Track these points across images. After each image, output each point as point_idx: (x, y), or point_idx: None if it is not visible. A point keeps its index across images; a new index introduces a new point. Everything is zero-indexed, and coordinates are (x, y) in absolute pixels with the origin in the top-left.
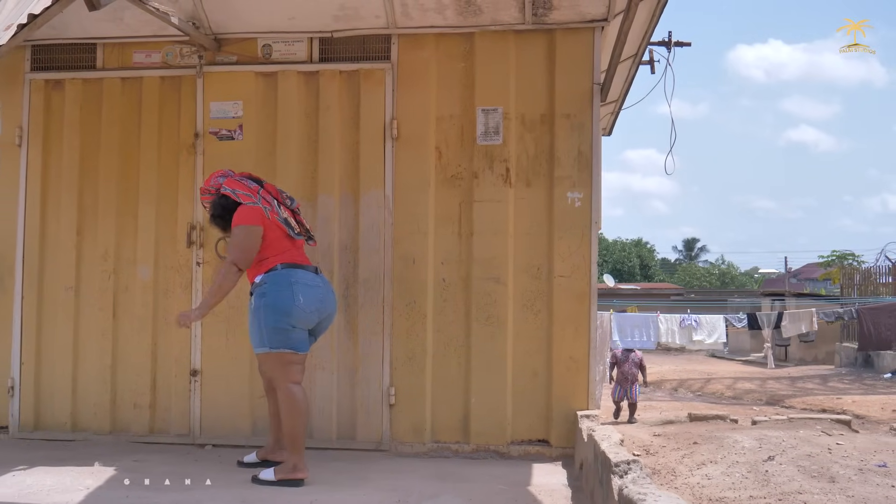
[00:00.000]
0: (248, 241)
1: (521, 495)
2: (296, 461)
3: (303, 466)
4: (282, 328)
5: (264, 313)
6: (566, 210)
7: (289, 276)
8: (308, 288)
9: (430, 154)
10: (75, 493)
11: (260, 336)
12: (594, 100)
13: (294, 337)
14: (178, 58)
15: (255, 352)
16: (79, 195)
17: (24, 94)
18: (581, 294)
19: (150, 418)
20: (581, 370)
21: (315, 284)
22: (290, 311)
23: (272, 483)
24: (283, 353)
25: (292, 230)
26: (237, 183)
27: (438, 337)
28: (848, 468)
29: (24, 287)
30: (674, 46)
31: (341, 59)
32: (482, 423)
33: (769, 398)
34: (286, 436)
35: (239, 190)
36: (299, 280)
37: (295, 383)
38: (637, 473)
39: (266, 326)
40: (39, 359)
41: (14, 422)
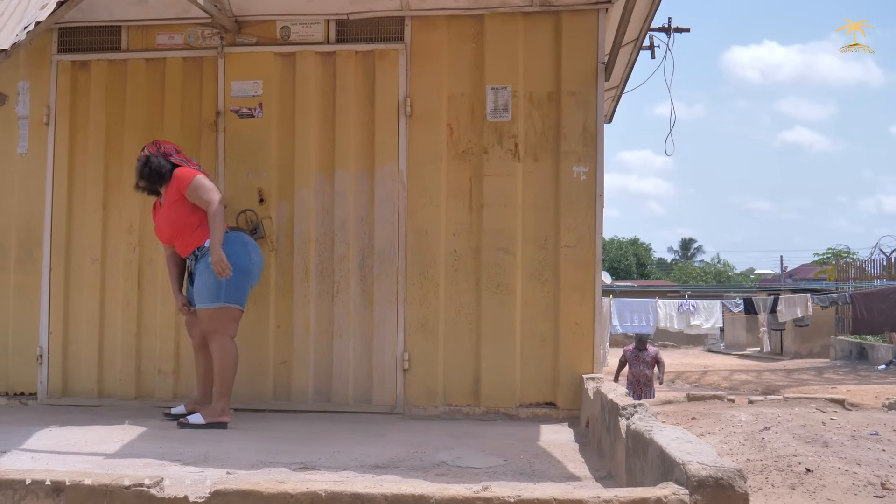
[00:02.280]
0: (212, 183)
1: (532, 448)
2: (223, 406)
3: (228, 411)
4: (241, 286)
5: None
6: (572, 183)
7: (240, 237)
8: (255, 247)
9: (442, 130)
10: (111, 445)
11: (216, 292)
12: (598, 78)
13: (246, 294)
14: (200, 39)
15: (200, 307)
16: (104, 171)
17: (51, 75)
18: (586, 263)
19: (173, 384)
20: (586, 335)
21: (256, 244)
22: (250, 270)
23: (201, 426)
24: (233, 308)
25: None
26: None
27: (450, 305)
28: (841, 436)
29: (52, 259)
30: (673, 32)
31: (357, 40)
32: (492, 386)
33: (765, 388)
34: (218, 383)
35: (183, 160)
36: (249, 241)
37: (232, 337)
38: (643, 413)
39: (227, 283)
40: (67, 328)
41: (42, 388)
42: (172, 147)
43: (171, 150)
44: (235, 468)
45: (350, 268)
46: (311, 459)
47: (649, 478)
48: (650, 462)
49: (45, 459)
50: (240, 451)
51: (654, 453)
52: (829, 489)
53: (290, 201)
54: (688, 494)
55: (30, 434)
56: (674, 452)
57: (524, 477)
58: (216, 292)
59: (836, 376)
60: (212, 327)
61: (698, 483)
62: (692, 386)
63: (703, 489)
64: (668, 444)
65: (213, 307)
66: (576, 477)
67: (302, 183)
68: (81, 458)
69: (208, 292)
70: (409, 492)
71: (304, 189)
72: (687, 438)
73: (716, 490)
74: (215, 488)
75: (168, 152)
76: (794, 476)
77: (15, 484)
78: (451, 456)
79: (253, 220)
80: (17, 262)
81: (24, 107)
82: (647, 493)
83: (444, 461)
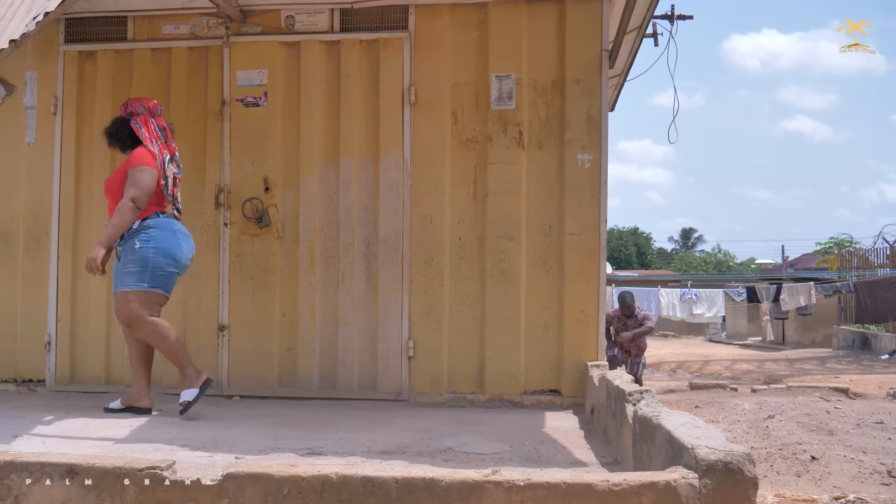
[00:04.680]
0: (149, 182)
1: (537, 434)
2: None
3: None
4: (167, 271)
5: (153, 254)
6: (576, 171)
7: (171, 224)
8: (187, 237)
9: (447, 119)
10: (120, 430)
11: (140, 275)
12: (603, 66)
13: (171, 280)
14: (205, 29)
15: (121, 289)
16: (111, 160)
17: (58, 66)
18: (591, 251)
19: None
20: (591, 323)
21: (189, 234)
22: (177, 257)
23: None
24: (156, 293)
25: (167, 191)
26: (150, 125)
27: (455, 292)
28: (846, 424)
29: (60, 247)
30: (676, 19)
31: (361, 28)
32: (497, 374)
33: (767, 378)
34: (176, 362)
35: (146, 132)
36: (181, 229)
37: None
38: (650, 399)
39: (151, 266)
40: (74, 315)
41: (50, 375)
42: (143, 105)
43: (138, 108)
44: (244, 453)
45: (355, 256)
46: (319, 445)
47: (657, 463)
48: (658, 447)
49: (56, 444)
50: (248, 437)
51: (661, 438)
52: (835, 477)
53: (295, 189)
54: (697, 478)
55: (40, 419)
56: (682, 437)
57: (530, 463)
58: (140, 276)
59: (839, 366)
60: (133, 312)
61: (707, 467)
62: (694, 375)
63: (712, 473)
64: (676, 428)
65: (136, 289)
66: (582, 463)
67: (307, 171)
68: (92, 442)
69: (128, 276)
70: (420, 475)
71: (309, 177)
72: (695, 423)
73: (725, 474)
74: (227, 471)
75: (134, 111)
76: (799, 464)
77: (30, 466)
78: (456, 442)
79: (259, 208)
80: (24, 251)
81: (31, 97)
82: (655, 478)
83: (450, 447)
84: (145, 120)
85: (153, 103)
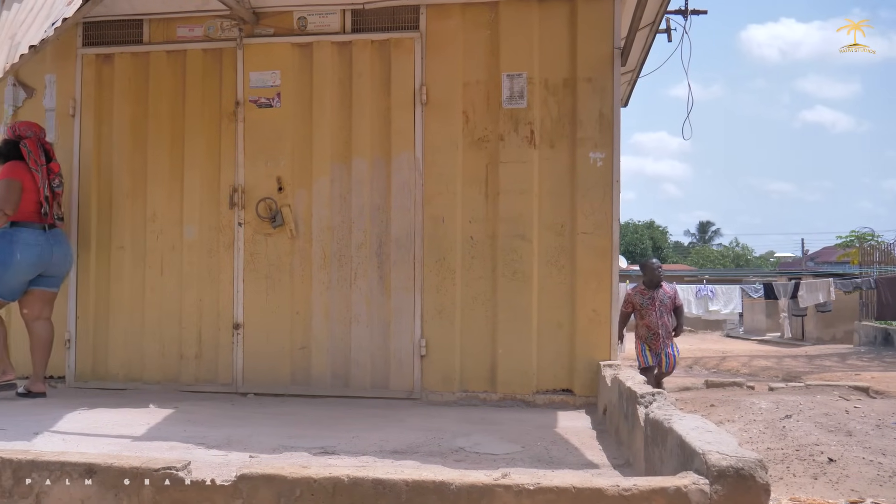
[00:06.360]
0: (11, 193)
1: (549, 435)
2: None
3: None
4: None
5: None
6: (589, 170)
7: (9, 234)
8: (28, 246)
9: (458, 118)
10: (138, 427)
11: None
12: (615, 64)
13: (9, 286)
14: (219, 31)
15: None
16: (129, 161)
17: (76, 68)
18: (603, 250)
19: (196, 369)
20: (603, 322)
21: (36, 243)
22: (9, 264)
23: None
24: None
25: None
26: (37, 149)
27: (467, 291)
28: (865, 425)
29: (79, 247)
30: (690, 14)
31: (372, 29)
32: (508, 373)
33: (786, 374)
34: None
35: (34, 154)
36: (19, 239)
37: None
38: (662, 402)
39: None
40: (94, 314)
41: (70, 372)
42: (30, 129)
43: (25, 131)
44: (258, 452)
45: (368, 255)
46: (331, 444)
47: (668, 467)
48: (669, 451)
49: (75, 441)
50: (261, 436)
51: (673, 442)
52: (853, 479)
53: (308, 189)
54: (708, 484)
55: (60, 416)
56: (693, 442)
57: (542, 464)
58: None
59: (859, 363)
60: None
61: (718, 473)
62: (710, 372)
63: (723, 479)
64: (687, 433)
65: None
66: (594, 464)
67: (320, 171)
68: (110, 440)
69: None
70: (430, 478)
71: (321, 177)
72: (707, 427)
73: (736, 480)
74: (241, 472)
75: (22, 134)
76: (816, 466)
77: (50, 465)
78: (468, 442)
79: (272, 207)
80: None
81: (50, 99)
82: (666, 483)
83: (461, 447)
84: (33, 143)
85: (39, 127)
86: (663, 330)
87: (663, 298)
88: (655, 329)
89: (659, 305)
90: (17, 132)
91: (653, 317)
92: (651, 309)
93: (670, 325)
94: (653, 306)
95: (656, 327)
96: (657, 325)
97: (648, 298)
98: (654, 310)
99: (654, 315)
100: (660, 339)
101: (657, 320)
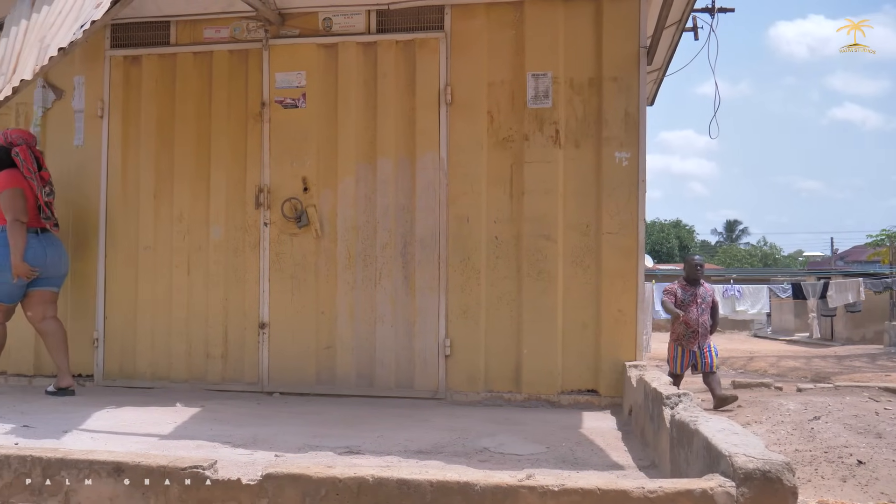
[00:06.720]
0: (18, 201)
1: (574, 436)
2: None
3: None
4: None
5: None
6: (614, 169)
7: (4, 239)
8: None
9: (483, 118)
10: (165, 426)
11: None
12: (640, 63)
13: (9, 291)
14: (245, 32)
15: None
16: (156, 162)
17: (104, 70)
18: (629, 250)
19: (222, 368)
20: (629, 322)
21: (27, 246)
22: (4, 268)
23: None
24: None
25: (42, 211)
26: (28, 157)
27: (491, 291)
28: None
29: (107, 247)
30: (717, 12)
31: (397, 29)
32: (533, 373)
33: (814, 375)
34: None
35: (26, 163)
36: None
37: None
38: (688, 403)
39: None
40: (121, 313)
41: (98, 371)
42: (21, 137)
43: (17, 139)
44: (283, 451)
45: (392, 255)
46: (356, 444)
47: (694, 469)
48: (695, 453)
49: (104, 439)
50: (287, 435)
51: (699, 444)
52: (883, 482)
53: (333, 189)
54: (734, 487)
55: (89, 415)
56: (720, 444)
57: (567, 465)
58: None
59: (890, 363)
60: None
61: (745, 476)
62: (738, 372)
63: (749, 482)
64: (713, 435)
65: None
66: (619, 466)
67: (345, 171)
68: (137, 438)
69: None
70: (454, 479)
71: (346, 177)
72: (733, 429)
73: (763, 483)
74: (266, 472)
75: (14, 142)
76: (845, 468)
77: (79, 464)
78: (493, 442)
79: (298, 208)
80: (74, 250)
81: (79, 101)
82: (692, 485)
83: (486, 447)
84: (25, 151)
85: (29, 134)
86: (702, 328)
87: (704, 296)
88: (695, 327)
89: (700, 303)
90: (8, 139)
91: (693, 314)
92: (692, 305)
93: (708, 324)
94: (694, 303)
95: (696, 325)
96: (696, 323)
97: (690, 294)
98: (695, 307)
99: (694, 312)
100: (697, 338)
101: (697, 318)
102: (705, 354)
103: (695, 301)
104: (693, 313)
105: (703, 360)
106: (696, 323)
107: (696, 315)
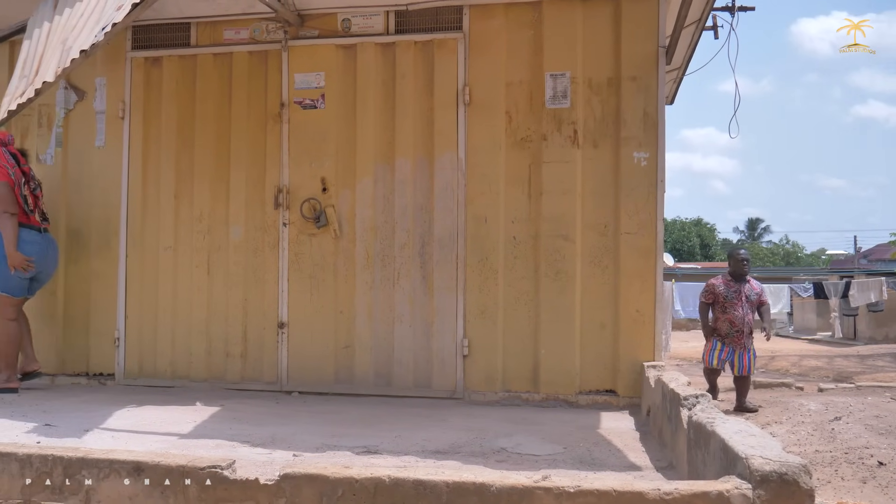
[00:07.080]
0: (6, 194)
1: (592, 436)
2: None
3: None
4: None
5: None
6: (632, 169)
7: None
8: (27, 244)
9: (501, 118)
10: (185, 425)
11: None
12: (659, 62)
13: (17, 283)
14: (264, 33)
15: None
16: (176, 162)
17: (126, 71)
18: (647, 250)
19: (241, 367)
20: (647, 323)
21: (34, 241)
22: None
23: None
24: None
25: (27, 205)
26: (4, 156)
27: (509, 291)
28: None
29: (128, 248)
30: (737, 11)
31: (416, 30)
32: (551, 373)
33: (837, 375)
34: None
35: (2, 160)
36: (21, 238)
37: (9, 319)
38: (705, 404)
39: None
40: (142, 313)
41: (119, 370)
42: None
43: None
44: (301, 450)
45: (411, 255)
46: (374, 443)
47: (711, 470)
48: (712, 454)
49: (124, 438)
50: (305, 434)
51: (716, 446)
52: None
53: (352, 190)
54: (751, 489)
55: (110, 413)
56: (736, 446)
57: (584, 465)
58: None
59: None
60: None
61: (762, 478)
62: (759, 371)
63: (766, 484)
64: (730, 436)
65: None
66: (636, 466)
67: (363, 172)
68: (157, 437)
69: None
70: (470, 479)
71: (365, 178)
72: (750, 431)
73: (780, 485)
74: (284, 472)
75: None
76: (865, 469)
77: (100, 463)
78: (510, 442)
79: (317, 208)
80: (95, 250)
81: (101, 102)
82: (708, 487)
83: (503, 448)
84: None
85: (5, 133)
86: (747, 328)
87: (750, 294)
88: (740, 326)
89: (745, 300)
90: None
91: (738, 312)
92: (737, 303)
93: (752, 323)
94: (739, 300)
95: (741, 324)
96: (742, 322)
97: (734, 291)
98: (739, 304)
99: (739, 310)
100: (742, 337)
101: (743, 316)
102: (743, 357)
103: (739, 298)
104: (738, 311)
105: (741, 362)
106: (741, 322)
107: (741, 313)
